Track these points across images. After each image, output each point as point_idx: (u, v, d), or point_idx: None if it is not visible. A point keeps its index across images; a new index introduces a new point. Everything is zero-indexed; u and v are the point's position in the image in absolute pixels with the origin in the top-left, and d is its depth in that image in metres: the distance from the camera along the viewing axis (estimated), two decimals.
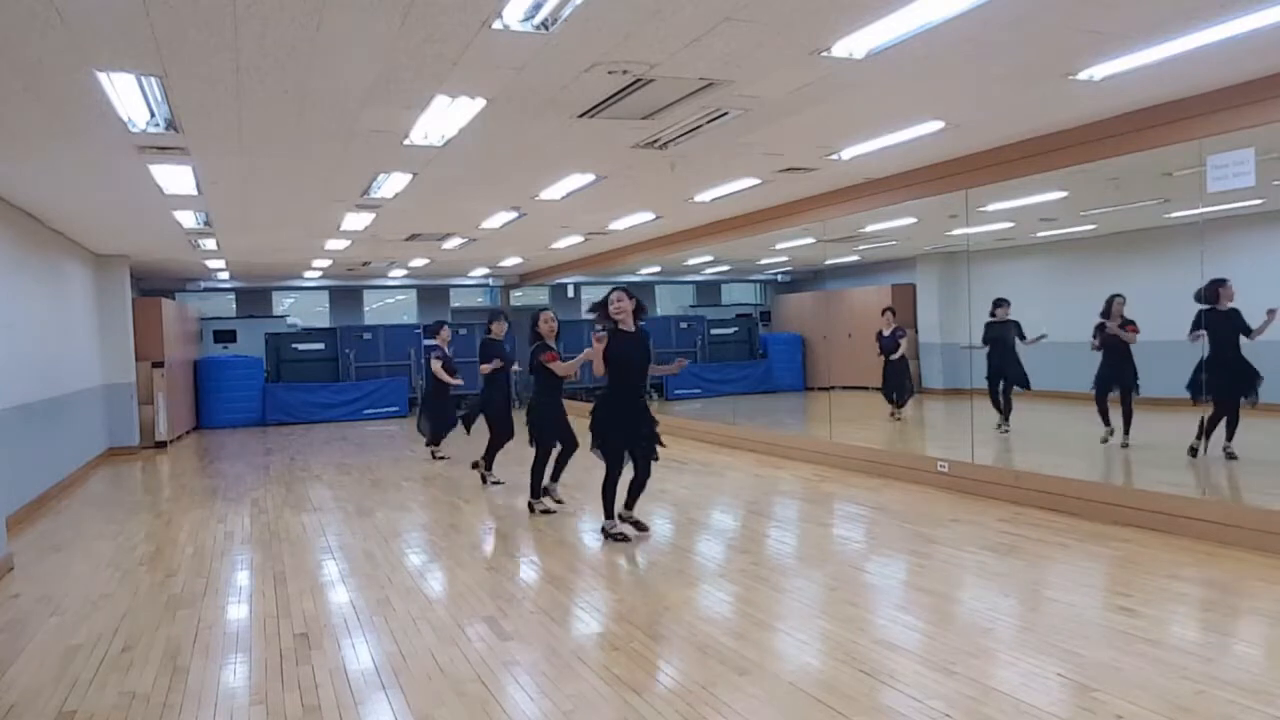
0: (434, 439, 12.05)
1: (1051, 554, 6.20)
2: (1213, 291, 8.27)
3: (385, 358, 19.35)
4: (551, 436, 7.94)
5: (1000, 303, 11.31)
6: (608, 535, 6.89)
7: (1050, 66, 5.49)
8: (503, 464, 9.94)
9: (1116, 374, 9.61)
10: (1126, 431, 9.37)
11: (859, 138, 7.31)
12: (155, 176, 7.66)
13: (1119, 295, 9.63)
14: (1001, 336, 11.09)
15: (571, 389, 10.23)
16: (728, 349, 20.54)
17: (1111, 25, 4.80)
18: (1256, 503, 6.36)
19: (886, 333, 12.84)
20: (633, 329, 6.76)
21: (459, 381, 11.74)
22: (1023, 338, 11.02)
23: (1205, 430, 8.27)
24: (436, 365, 11.57)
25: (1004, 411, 11.02)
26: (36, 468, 9.23)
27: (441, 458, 11.83)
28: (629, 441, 6.80)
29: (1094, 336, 9.67)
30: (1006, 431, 10.81)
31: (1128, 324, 9.48)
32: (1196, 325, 8.26)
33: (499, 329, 9.96)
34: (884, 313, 13.11)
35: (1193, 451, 8.33)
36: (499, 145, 7.07)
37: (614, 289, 6.80)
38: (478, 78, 5.26)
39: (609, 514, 6.92)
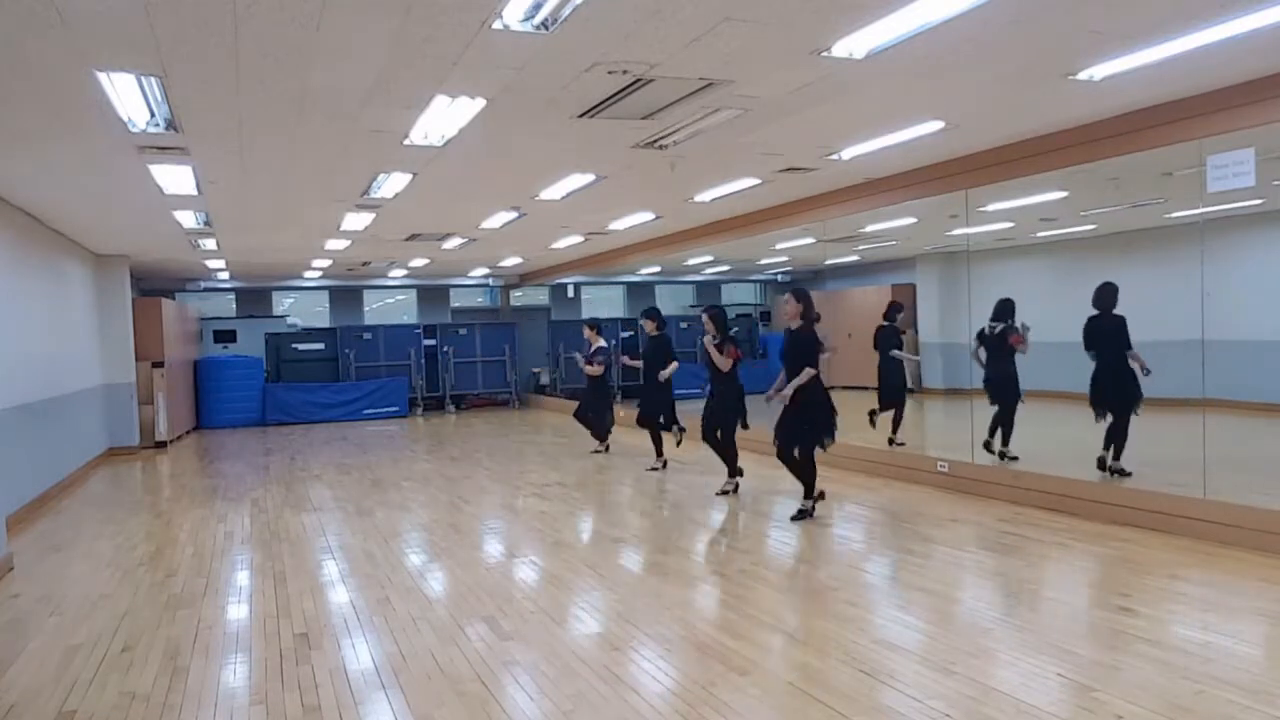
0: (603, 432, 11.93)
1: (1051, 554, 6.21)
2: (1105, 297, 8.14)
3: (385, 358, 19.36)
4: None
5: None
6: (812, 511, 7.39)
7: (1050, 66, 5.49)
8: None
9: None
10: (1005, 441, 9.01)
11: (859, 138, 7.31)
12: (155, 176, 7.66)
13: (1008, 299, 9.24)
14: (891, 341, 10.63)
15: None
16: None
17: (1111, 25, 4.80)
18: (1257, 503, 6.36)
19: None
20: (796, 328, 7.41)
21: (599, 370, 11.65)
22: (899, 346, 10.60)
23: (1108, 443, 8.10)
24: (598, 368, 11.46)
25: (894, 422, 10.40)
26: (36, 468, 9.23)
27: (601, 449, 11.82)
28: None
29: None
30: (900, 445, 10.27)
31: (1015, 333, 9.04)
32: (1086, 335, 8.19)
33: (655, 326, 10.29)
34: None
35: (1101, 464, 8.08)
36: (499, 145, 7.07)
37: (789, 292, 7.54)
38: (478, 78, 5.26)
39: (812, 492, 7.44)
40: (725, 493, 8.56)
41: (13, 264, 8.90)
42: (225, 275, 18.27)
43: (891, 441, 10.25)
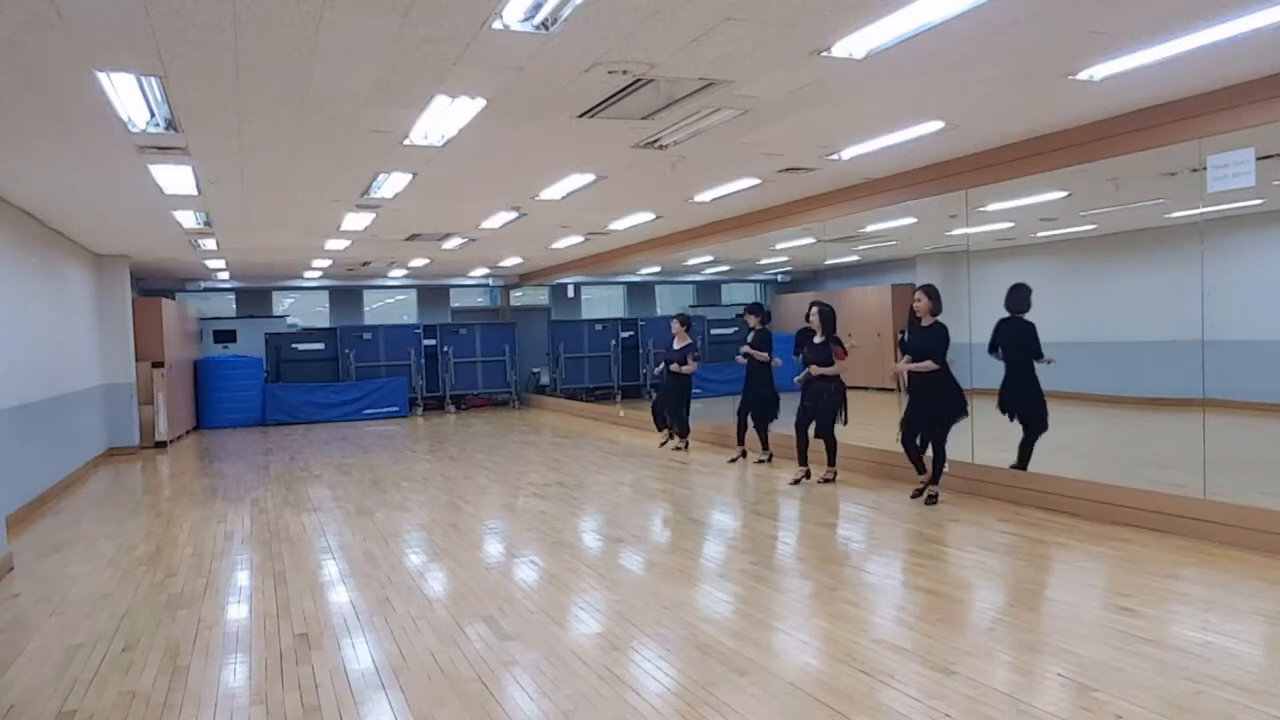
0: (683, 428, 11.79)
1: (1051, 554, 6.21)
2: (1016, 298, 8.04)
3: (385, 358, 19.35)
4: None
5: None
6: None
7: (1050, 66, 5.49)
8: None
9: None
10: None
11: (859, 138, 7.31)
12: (155, 176, 7.66)
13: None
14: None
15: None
16: (728, 349, 20.58)
17: (1112, 25, 4.80)
18: (1257, 503, 6.37)
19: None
20: (928, 324, 7.77)
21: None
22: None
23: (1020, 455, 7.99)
24: (693, 365, 11.36)
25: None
26: (36, 468, 9.23)
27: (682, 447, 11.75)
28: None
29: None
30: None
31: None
32: (993, 339, 8.11)
33: (759, 320, 10.48)
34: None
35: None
36: (499, 145, 7.07)
37: (917, 289, 7.93)
38: (478, 78, 5.26)
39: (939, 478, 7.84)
40: (827, 481, 8.91)
41: (13, 264, 8.90)
42: (225, 275, 18.27)
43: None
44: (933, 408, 7.67)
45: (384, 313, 22.25)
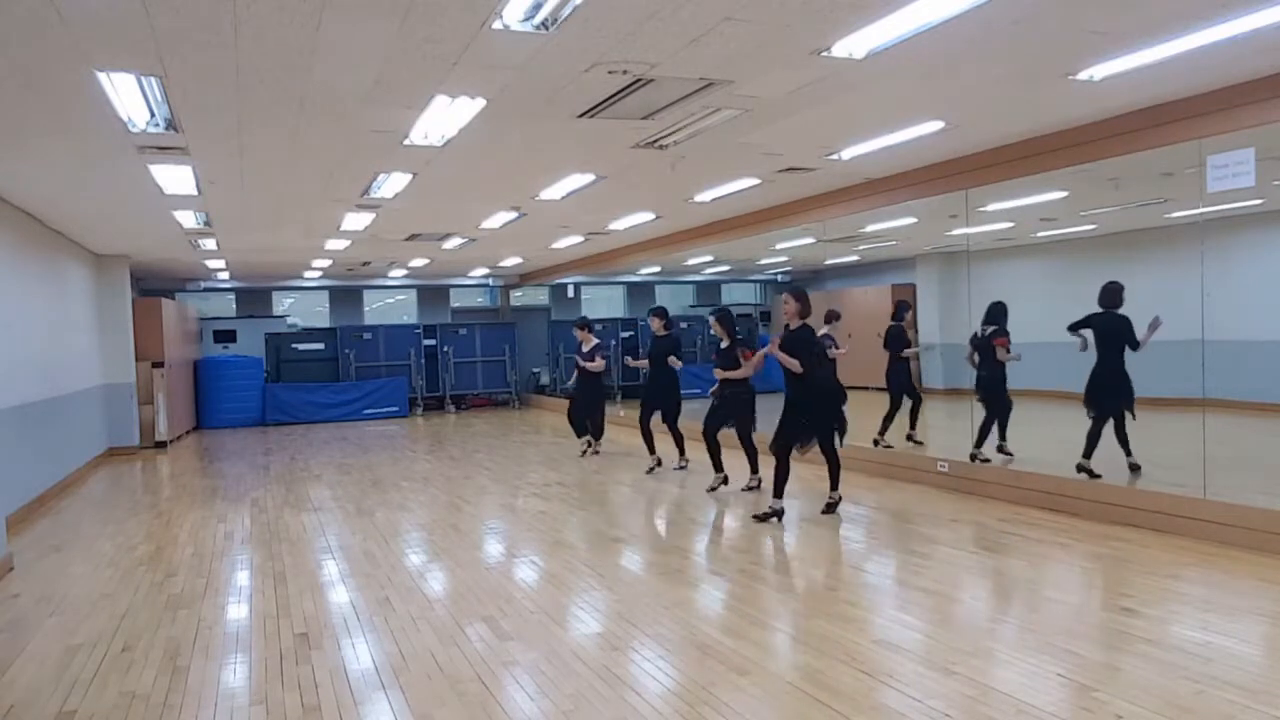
0: (598, 431, 11.75)
1: (1051, 554, 6.21)
2: (1108, 296, 8.09)
3: (385, 358, 19.35)
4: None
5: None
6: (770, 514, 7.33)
7: (1050, 66, 5.49)
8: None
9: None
10: (1002, 437, 9.02)
11: (859, 138, 7.31)
12: (155, 176, 7.66)
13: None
14: (901, 342, 10.52)
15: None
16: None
17: (1112, 25, 4.80)
18: (1257, 503, 6.37)
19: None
20: (794, 328, 7.30)
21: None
22: (907, 345, 10.42)
23: (1089, 447, 7.94)
24: (600, 363, 11.18)
25: (911, 418, 10.45)
26: (36, 468, 9.23)
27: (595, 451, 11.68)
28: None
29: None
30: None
31: (1001, 336, 9.02)
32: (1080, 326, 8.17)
33: (662, 325, 10.29)
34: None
35: (1080, 469, 7.91)
36: (499, 145, 7.07)
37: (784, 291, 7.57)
38: (478, 78, 5.26)
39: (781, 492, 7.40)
40: (751, 489, 8.69)
41: (13, 264, 8.90)
42: (225, 275, 18.27)
43: (910, 438, 10.48)
44: (815, 412, 7.33)
45: (384, 313, 22.25)
